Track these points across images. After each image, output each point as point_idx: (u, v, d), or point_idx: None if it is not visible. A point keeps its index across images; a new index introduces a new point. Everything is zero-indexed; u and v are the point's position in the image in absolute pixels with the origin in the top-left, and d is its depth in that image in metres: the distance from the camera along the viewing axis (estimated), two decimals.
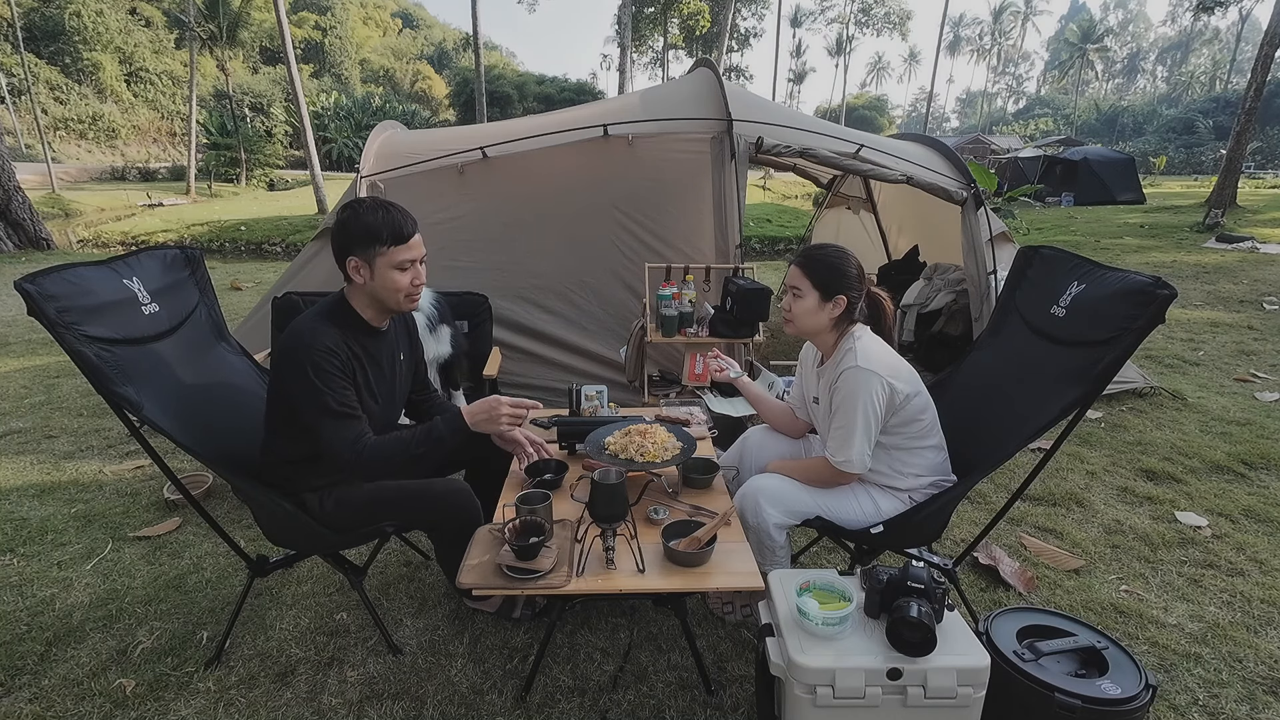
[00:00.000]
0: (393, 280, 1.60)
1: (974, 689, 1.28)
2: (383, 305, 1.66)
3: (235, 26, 21.53)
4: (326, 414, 1.55)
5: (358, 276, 1.60)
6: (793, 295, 1.77)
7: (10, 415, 3.67)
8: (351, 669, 1.79)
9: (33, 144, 24.72)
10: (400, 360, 1.84)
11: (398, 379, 1.82)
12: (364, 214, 1.57)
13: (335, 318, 1.64)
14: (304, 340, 1.55)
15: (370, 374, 1.68)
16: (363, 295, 1.65)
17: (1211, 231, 10.89)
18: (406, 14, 57.95)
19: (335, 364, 1.55)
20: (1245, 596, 2.11)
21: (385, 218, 1.57)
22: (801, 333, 1.82)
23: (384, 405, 1.75)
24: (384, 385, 1.75)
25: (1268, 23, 12.06)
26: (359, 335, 1.66)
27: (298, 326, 1.60)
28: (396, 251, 1.58)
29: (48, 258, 10.16)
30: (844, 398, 1.67)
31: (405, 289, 1.62)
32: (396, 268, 1.59)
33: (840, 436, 1.69)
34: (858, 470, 1.71)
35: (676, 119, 3.51)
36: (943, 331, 4.30)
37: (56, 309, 1.41)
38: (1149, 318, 1.48)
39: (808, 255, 1.77)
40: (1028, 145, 26.91)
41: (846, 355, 1.71)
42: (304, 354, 1.53)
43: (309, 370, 1.53)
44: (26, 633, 1.93)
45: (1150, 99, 64.99)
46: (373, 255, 1.57)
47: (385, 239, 1.56)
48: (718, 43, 31.75)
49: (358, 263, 1.59)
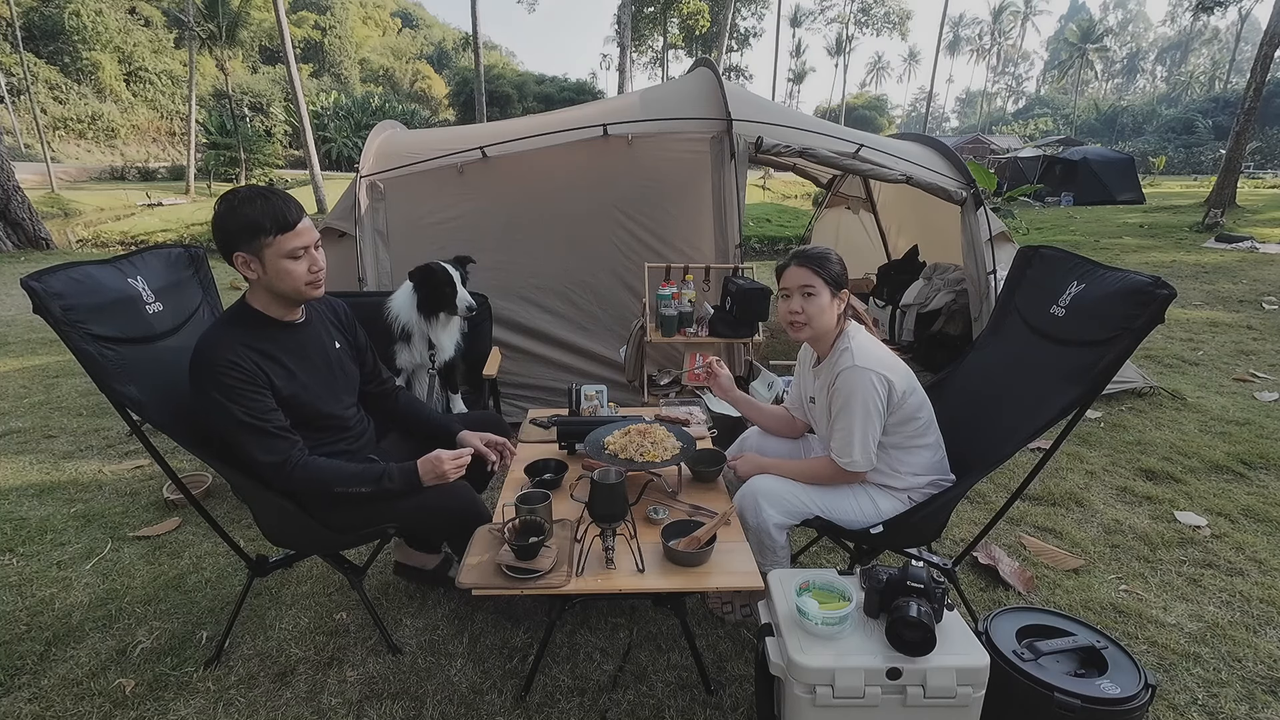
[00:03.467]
0: (286, 270, 1.52)
1: (973, 689, 1.28)
2: (285, 298, 1.60)
3: (234, 26, 21.50)
4: (239, 427, 1.51)
5: (249, 272, 1.52)
6: (804, 295, 1.74)
7: (10, 415, 3.67)
8: (351, 669, 1.79)
9: (32, 144, 24.69)
10: (335, 348, 1.78)
11: (334, 368, 1.76)
12: (240, 205, 1.47)
13: (238, 322, 1.59)
14: (204, 357, 1.50)
15: (294, 368, 1.63)
16: (262, 292, 1.58)
17: (1211, 231, 10.90)
18: (406, 13, 57.89)
19: (238, 376, 1.49)
20: (1244, 596, 2.11)
21: (265, 206, 1.47)
22: (815, 334, 1.78)
23: (319, 396, 1.69)
24: (316, 377, 1.69)
25: (1267, 22, 12.08)
26: (271, 333, 1.60)
27: (202, 340, 1.54)
28: (284, 240, 1.49)
29: (47, 257, 10.16)
30: (845, 398, 1.67)
31: (303, 277, 1.54)
32: (288, 257, 1.51)
33: (843, 437, 1.69)
34: (863, 469, 1.71)
35: (676, 119, 3.51)
36: (942, 331, 4.31)
37: (62, 307, 1.41)
38: (1148, 317, 1.48)
39: (808, 255, 1.75)
40: (1027, 145, 26.95)
41: (843, 355, 1.71)
42: (205, 371, 1.49)
43: (211, 388, 1.49)
44: (26, 632, 1.93)
45: (1150, 99, 64.94)
46: (259, 248, 1.49)
47: (269, 229, 1.47)
48: (717, 42, 31.76)
49: (245, 258, 1.51)
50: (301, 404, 1.63)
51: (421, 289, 2.40)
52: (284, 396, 1.59)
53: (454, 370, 2.62)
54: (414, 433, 2.02)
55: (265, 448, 1.53)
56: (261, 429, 1.53)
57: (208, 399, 1.50)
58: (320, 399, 1.69)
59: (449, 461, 1.66)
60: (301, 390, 1.63)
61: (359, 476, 1.62)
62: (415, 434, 2.01)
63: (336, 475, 1.60)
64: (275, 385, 1.57)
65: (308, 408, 1.65)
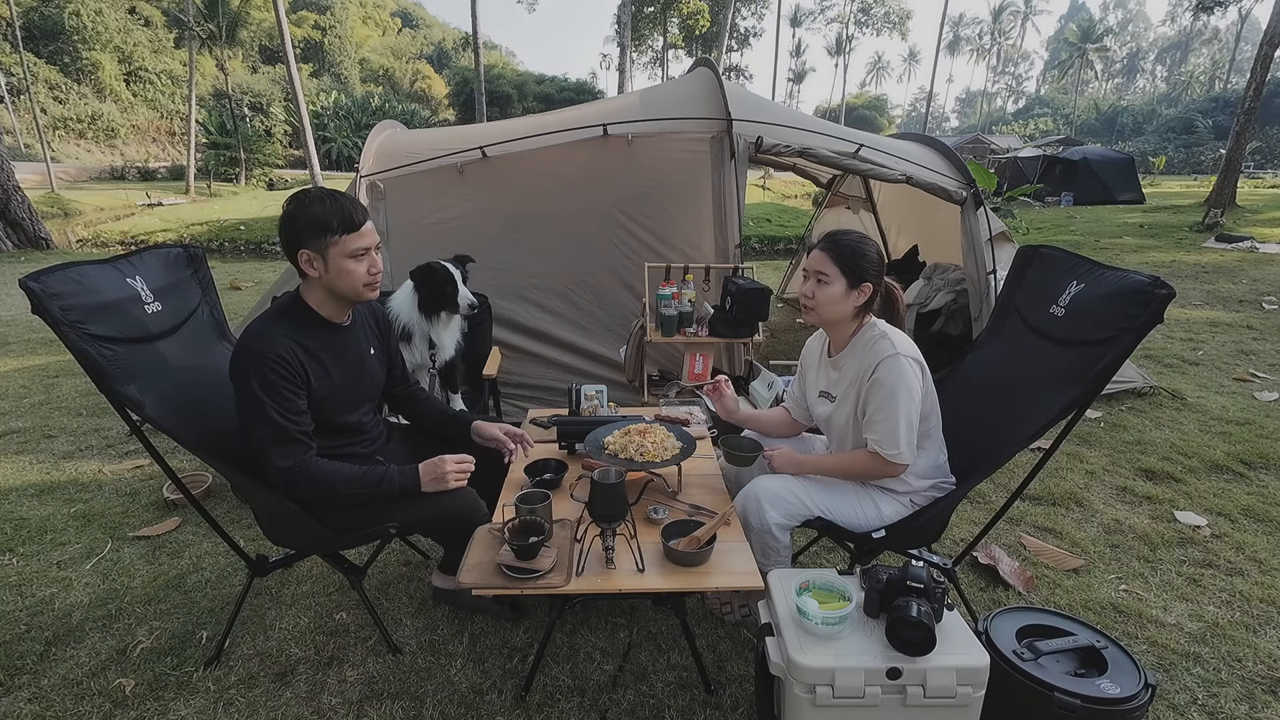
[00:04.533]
0: (348, 270, 1.56)
1: (973, 688, 1.28)
2: (341, 298, 1.63)
3: (234, 26, 21.53)
4: (267, 424, 1.52)
5: (311, 270, 1.56)
6: (817, 281, 1.71)
7: (9, 415, 3.66)
8: (351, 669, 1.79)
9: (32, 143, 24.69)
10: (370, 355, 1.80)
11: (366, 374, 1.79)
12: (311, 205, 1.53)
13: (288, 316, 1.61)
14: (251, 348, 1.52)
15: (330, 369, 1.65)
16: (319, 290, 1.62)
17: (1211, 231, 10.90)
18: (406, 13, 57.86)
19: (283, 374, 1.52)
20: (1244, 596, 2.11)
21: (333, 206, 1.53)
22: (820, 321, 1.77)
23: (348, 400, 1.71)
24: (349, 379, 1.71)
25: (1267, 22, 12.07)
26: (317, 332, 1.63)
27: (252, 329, 1.57)
28: (349, 240, 1.54)
29: (47, 257, 10.16)
30: (888, 389, 1.62)
31: (362, 278, 1.59)
32: (350, 256, 1.56)
33: (888, 429, 1.63)
34: (909, 461, 1.66)
35: (676, 119, 3.51)
36: (942, 331, 4.31)
37: (60, 307, 1.41)
38: (1148, 317, 1.48)
39: (835, 241, 1.71)
40: (1027, 145, 26.92)
41: (879, 343, 1.68)
42: (250, 362, 1.51)
43: (254, 380, 1.51)
44: (26, 632, 1.93)
45: (1150, 99, 64.96)
46: (324, 246, 1.54)
47: (336, 228, 1.52)
48: (717, 42, 31.79)
49: (309, 255, 1.55)
50: (330, 407, 1.65)
51: (422, 288, 2.41)
52: (316, 397, 1.61)
53: (454, 370, 2.62)
54: (431, 430, 2.02)
55: (283, 452, 1.55)
56: (287, 431, 1.54)
57: (246, 389, 1.52)
58: (346, 404, 1.71)
59: (451, 465, 1.65)
60: (333, 393, 1.66)
61: (361, 479, 1.62)
62: (434, 432, 2.01)
63: (339, 477, 1.61)
64: (312, 385, 1.60)
65: (333, 411, 1.67)
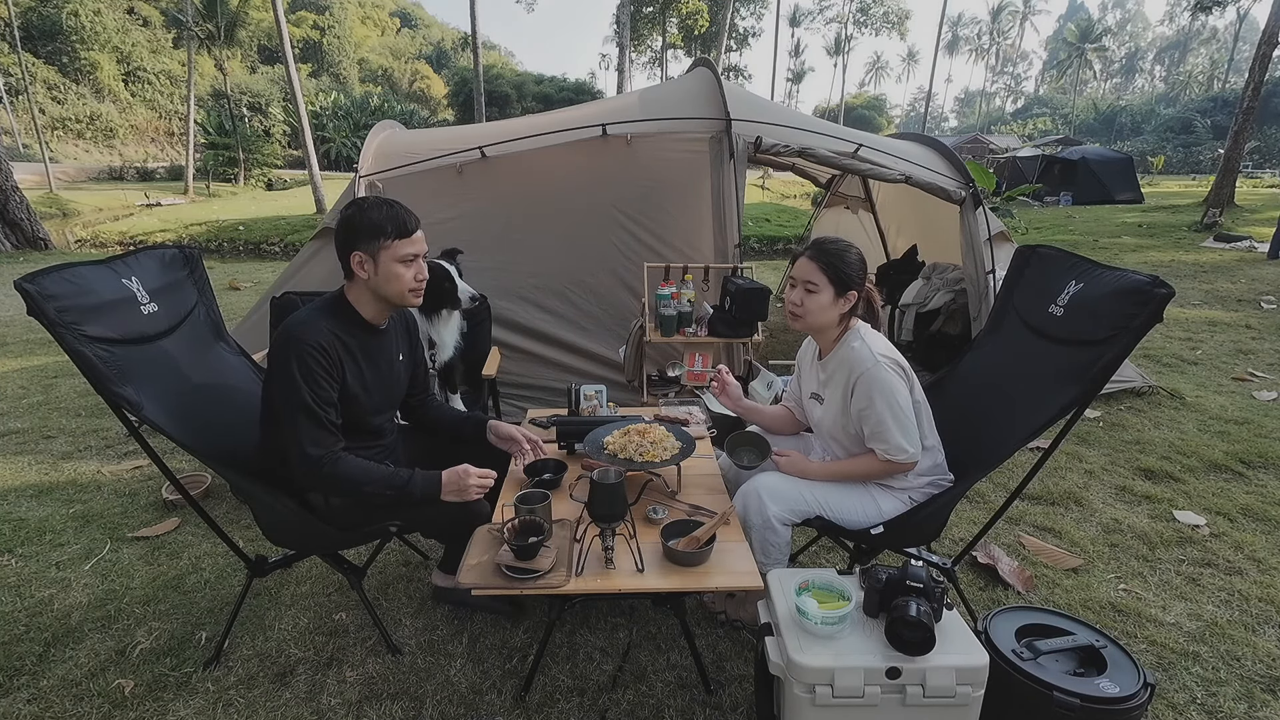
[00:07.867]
0: (396, 274, 1.63)
1: (973, 688, 1.28)
2: (385, 301, 1.68)
3: (233, 26, 21.51)
4: (300, 409, 1.55)
5: (361, 271, 1.63)
6: (805, 290, 1.74)
7: (8, 415, 3.66)
8: (351, 669, 1.79)
9: (30, 144, 24.66)
10: (399, 360, 1.84)
11: (394, 378, 1.83)
12: (369, 210, 1.61)
13: (332, 312, 1.66)
14: (295, 335, 1.57)
15: (364, 368, 1.69)
16: (364, 291, 1.67)
17: (1209, 231, 10.93)
18: (405, 13, 57.85)
19: (322, 363, 1.57)
20: (1243, 595, 2.11)
21: (390, 213, 1.62)
22: (809, 328, 1.81)
23: (375, 402, 1.75)
24: (379, 382, 1.75)
25: (1265, 22, 12.08)
26: (356, 332, 1.68)
27: (295, 318, 1.63)
28: (400, 245, 1.62)
29: (45, 257, 10.15)
30: (872, 402, 1.67)
31: (408, 283, 1.66)
32: (400, 261, 1.62)
33: (888, 437, 1.69)
34: (915, 458, 1.71)
35: (675, 119, 3.51)
36: (941, 331, 4.31)
37: (56, 308, 1.41)
38: (1147, 317, 1.48)
39: (823, 249, 1.73)
40: (1026, 145, 26.94)
41: (855, 355, 1.71)
42: (294, 347, 1.55)
43: (294, 364, 1.55)
44: (25, 633, 1.93)
45: (1148, 98, 64.95)
46: (377, 249, 1.60)
47: (390, 233, 1.60)
48: (716, 42, 31.77)
49: (362, 257, 1.61)
50: (357, 407, 1.68)
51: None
52: (347, 395, 1.64)
53: (454, 370, 2.62)
54: (445, 436, 2.02)
55: (314, 439, 1.57)
56: (319, 418, 1.57)
57: (285, 373, 1.55)
58: (371, 406, 1.73)
59: (475, 478, 1.64)
60: (362, 393, 1.68)
61: (386, 480, 1.63)
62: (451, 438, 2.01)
63: (366, 476, 1.62)
64: (346, 380, 1.64)
65: (360, 411, 1.69)
